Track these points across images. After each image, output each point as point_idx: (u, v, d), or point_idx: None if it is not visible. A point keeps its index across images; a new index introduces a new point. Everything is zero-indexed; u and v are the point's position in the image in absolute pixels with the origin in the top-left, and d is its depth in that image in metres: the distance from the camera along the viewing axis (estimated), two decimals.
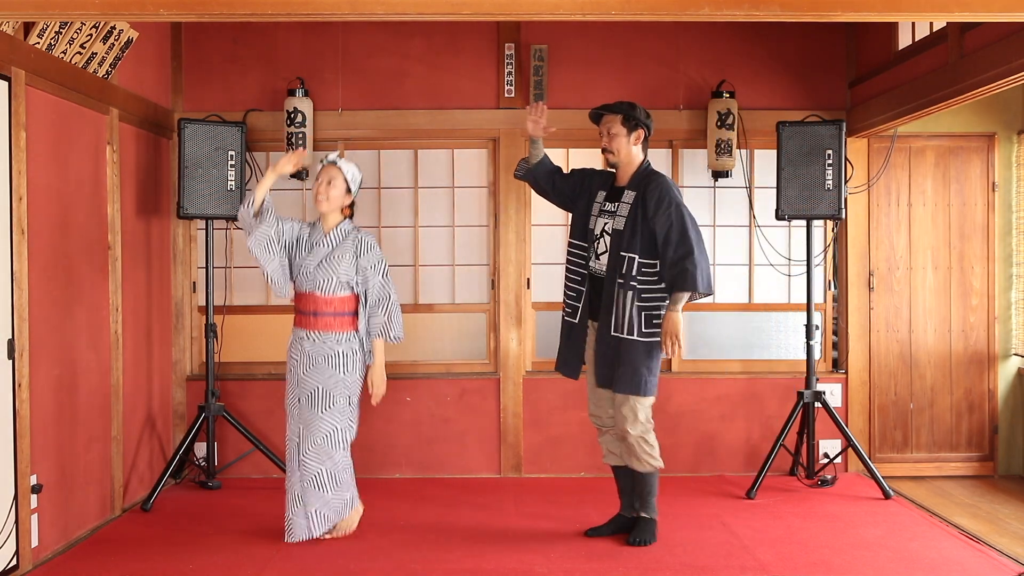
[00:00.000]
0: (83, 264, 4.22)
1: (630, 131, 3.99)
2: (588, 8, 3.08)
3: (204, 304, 5.06)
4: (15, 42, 3.58)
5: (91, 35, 4.11)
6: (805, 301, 5.07)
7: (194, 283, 5.33)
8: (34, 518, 3.72)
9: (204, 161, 4.78)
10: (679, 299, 3.85)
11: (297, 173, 5.17)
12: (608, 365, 3.92)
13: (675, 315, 3.85)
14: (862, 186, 5.33)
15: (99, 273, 4.38)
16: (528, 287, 5.34)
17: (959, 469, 5.37)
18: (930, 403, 5.39)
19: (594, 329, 4.04)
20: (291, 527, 4.00)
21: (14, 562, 3.56)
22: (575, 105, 5.31)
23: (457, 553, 3.89)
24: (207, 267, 4.94)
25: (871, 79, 5.12)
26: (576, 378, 4.15)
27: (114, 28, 4.24)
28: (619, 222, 3.93)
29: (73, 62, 4.08)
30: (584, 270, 4.06)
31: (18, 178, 3.60)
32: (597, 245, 4.00)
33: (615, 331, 3.89)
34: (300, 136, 5.07)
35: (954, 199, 5.39)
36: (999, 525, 4.40)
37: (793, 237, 5.41)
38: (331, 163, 4.03)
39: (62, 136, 4.04)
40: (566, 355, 4.13)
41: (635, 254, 3.87)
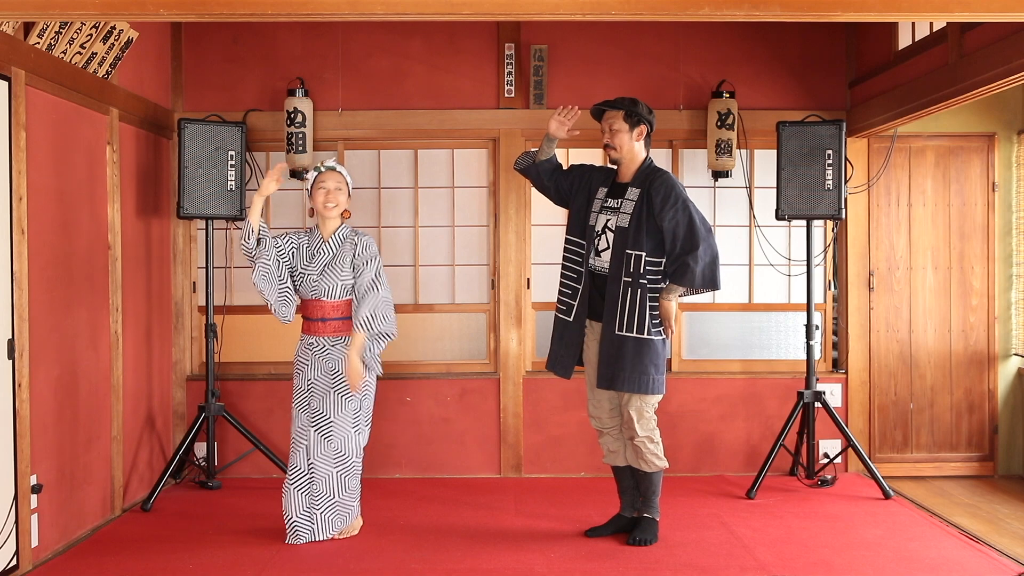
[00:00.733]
0: (83, 264, 4.22)
1: (632, 127, 3.96)
2: (588, 8, 3.08)
3: (204, 304, 5.06)
4: (15, 42, 3.58)
5: (91, 35, 4.11)
6: (805, 301, 5.07)
7: (194, 283, 5.33)
8: (34, 518, 3.72)
9: (204, 161, 4.78)
10: (674, 290, 3.84)
11: (297, 173, 5.17)
12: (611, 365, 3.86)
13: (668, 304, 3.84)
14: (862, 186, 5.33)
15: (99, 273, 4.38)
16: (528, 287, 5.34)
17: (959, 469, 5.37)
18: (930, 403, 5.39)
19: (593, 328, 4.00)
20: (295, 529, 3.99)
21: (14, 562, 3.56)
22: (575, 105, 5.31)
23: (457, 553, 3.89)
24: (207, 267, 4.94)
25: (871, 79, 5.12)
26: (568, 377, 4.09)
27: (114, 28, 4.24)
28: (623, 219, 3.90)
29: (73, 62, 4.08)
30: (581, 267, 4.01)
31: (18, 178, 3.60)
32: (598, 242, 3.97)
33: (621, 330, 3.84)
34: (300, 136, 5.07)
35: (954, 199, 5.39)
36: (999, 525, 4.40)
37: (793, 237, 5.41)
38: (332, 168, 4.04)
39: (62, 136, 4.04)
40: (559, 353, 4.06)
41: (642, 251, 3.84)
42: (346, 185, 4.04)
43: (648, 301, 3.84)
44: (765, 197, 5.34)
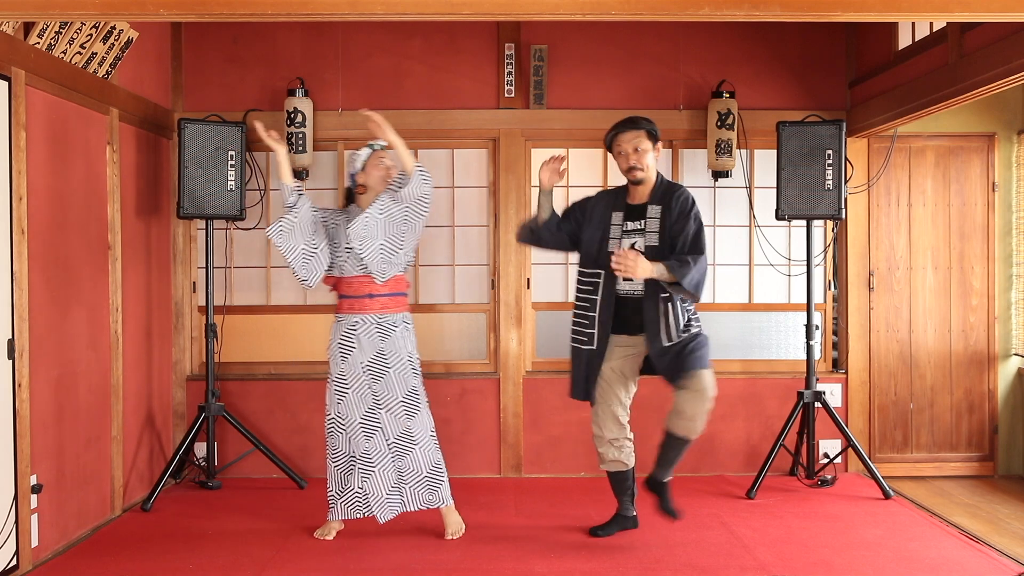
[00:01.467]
0: (83, 264, 4.22)
1: (654, 145, 3.96)
2: (588, 8, 3.08)
3: (204, 304, 5.06)
4: (15, 42, 3.59)
5: (91, 35, 4.11)
6: (805, 301, 5.08)
7: (194, 283, 5.33)
8: (34, 518, 3.72)
9: (204, 161, 4.78)
10: (662, 270, 3.73)
11: (297, 173, 5.17)
12: (672, 370, 3.83)
13: (647, 264, 3.69)
14: (862, 186, 5.33)
15: (99, 273, 4.38)
16: (528, 287, 5.34)
17: (959, 469, 5.37)
18: (930, 403, 5.39)
19: (620, 340, 3.96)
20: (387, 505, 3.97)
21: (14, 562, 3.56)
22: (575, 105, 5.32)
23: (457, 553, 3.89)
24: (207, 267, 4.94)
25: (871, 79, 5.12)
26: (592, 402, 4.04)
27: (114, 28, 4.24)
28: (651, 238, 3.88)
29: (73, 62, 4.08)
30: (596, 296, 3.95)
31: (18, 178, 3.60)
32: None
33: (669, 341, 3.83)
34: (300, 136, 5.07)
35: (954, 199, 5.39)
36: (999, 525, 4.40)
37: (793, 237, 5.41)
38: (384, 147, 4.06)
39: (62, 136, 4.04)
40: (587, 380, 4.00)
41: None
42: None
43: (684, 307, 3.85)
44: (765, 197, 5.34)
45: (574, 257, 5.37)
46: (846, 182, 4.92)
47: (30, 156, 3.72)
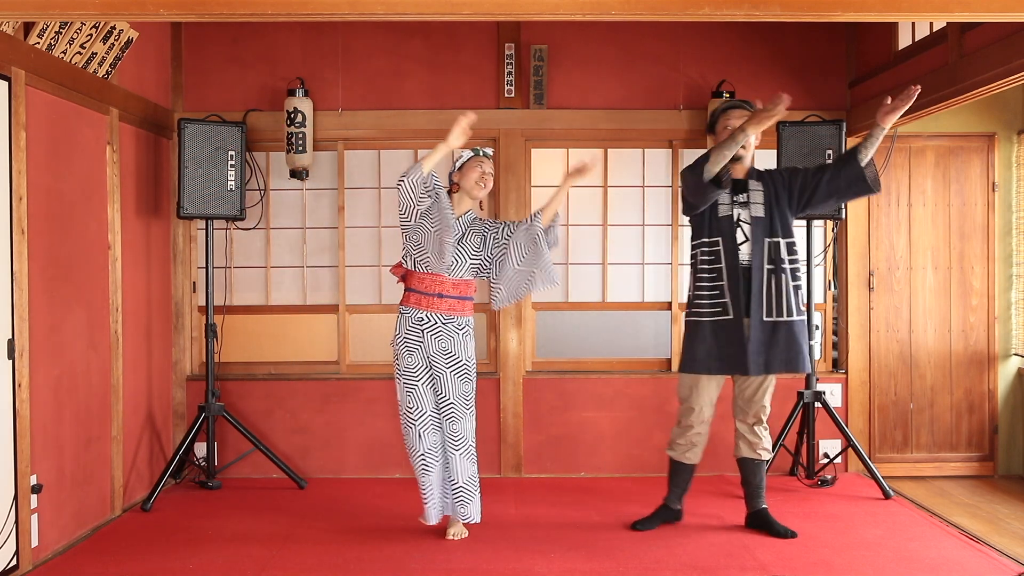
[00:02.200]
0: (83, 264, 4.22)
1: None
2: (588, 8, 3.08)
3: (204, 304, 5.06)
4: (15, 42, 3.59)
5: (91, 35, 4.11)
6: (805, 301, 5.06)
7: (194, 283, 5.33)
8: (34, 518, 3.72)
9: (204, 161, 4.78)
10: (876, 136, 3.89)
11: (297, 173, 5.18)
12: (765, 352, 3.93)
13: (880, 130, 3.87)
14: None
15: (99, 273, 4.38)
16: None
17: (959, 469, 5.37)
18: (930, 403, 5.39)
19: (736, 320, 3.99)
20: (464, 509, 4.05)
21: (14, 562, 3.56)
22: (575, 105, 5.32)
23: (457, 553, 3.89)
24: (207, 267, 4.94)
25: (871, 79, 5.12)
26: (733, 374, 4.05)
27: (114, 28, 4.25)
28: (757, 209, 4.01)
29: (73, 62, 4.08)
30: (721, 264, 4.00)
31: (18, 178, 3.60)
32: (737, 236, 4.01)
33: (771, 316, 3.93)
34: (300, 136, 5.07)
35: (954, 199, 5.39)
36: (999, 525, 4.40)
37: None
38: (488, 156, 4.12)
39: (62, 136, 4.04)
40: (724, 352, 3.96)
41: (780, 237, 3.99)
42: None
43: (794, 282, 3.99)
44: None
45: (573, 256, 5.40)
46: None
47: (30, 156, 3.72)
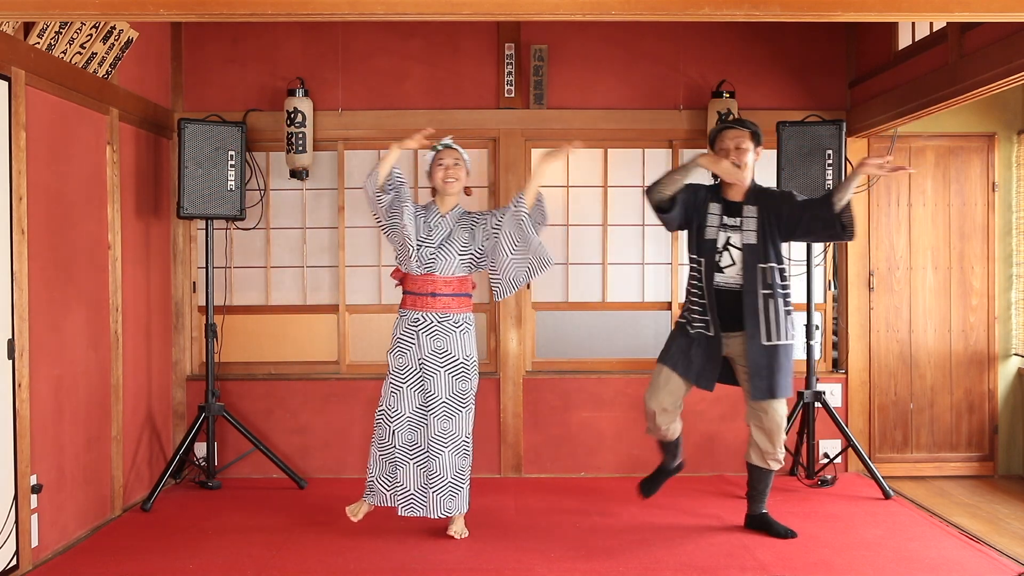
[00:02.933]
0: (83, 264, 4.22)
1: (755, 146, 4.07)
2: (588, 8, 3.08)
3: (204, 304, 5.06)
4: (15, 42, 3.59)
5: (91, 35, 4.11)
6: (805, 301, 5.07)
7: (194, 283, 5.33)
8: (34, 518, 3.72)
9: (204, 161, 4.78)
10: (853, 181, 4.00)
11: (297, 173, 5.18)
12: (767, 376, 3.97)
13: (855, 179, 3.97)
14: (862, 186, 5.32)
15: (99, 273, 4.38)
16: (528, 287, 5.34)
17: (959, 469, 5.37)
18: (930, 403, 5.39)
19: (726, 341, 4.04)
20: (411, 503, 4.02)
21: (14, 562, 3.56)
22: (575, 105, 5.32)
23: (457, 553, 3.89)
24: (207, 267, 4.94)
25: (871, 79, 5.12)
26: (712, 390, 4.13)
27: (114, 28, 4.25)
28: (749, 236, 3.99)
29: (73, 62, 4.08)
30: (702, 284, 4.05)
31: (18, 178, 3.60)
32: (719, 259, 4.02)
33: (770, 340, 3.96)
34: (300, 136, 5.07)
35: (954, 199, 5.39)
36: (999, 525, 4.40)
37: None
38: (449, 146, 4.10)
39: (62, 136, 4.04)
40: (703, 368, 4.08)
41: (774, 263, 4.00)
42: (463, 162, 4.10)
43: (786, 308, 4.01)
44: None
45: (573, 256, 5.40)
46: None
47: (30, 156, 3.72)
